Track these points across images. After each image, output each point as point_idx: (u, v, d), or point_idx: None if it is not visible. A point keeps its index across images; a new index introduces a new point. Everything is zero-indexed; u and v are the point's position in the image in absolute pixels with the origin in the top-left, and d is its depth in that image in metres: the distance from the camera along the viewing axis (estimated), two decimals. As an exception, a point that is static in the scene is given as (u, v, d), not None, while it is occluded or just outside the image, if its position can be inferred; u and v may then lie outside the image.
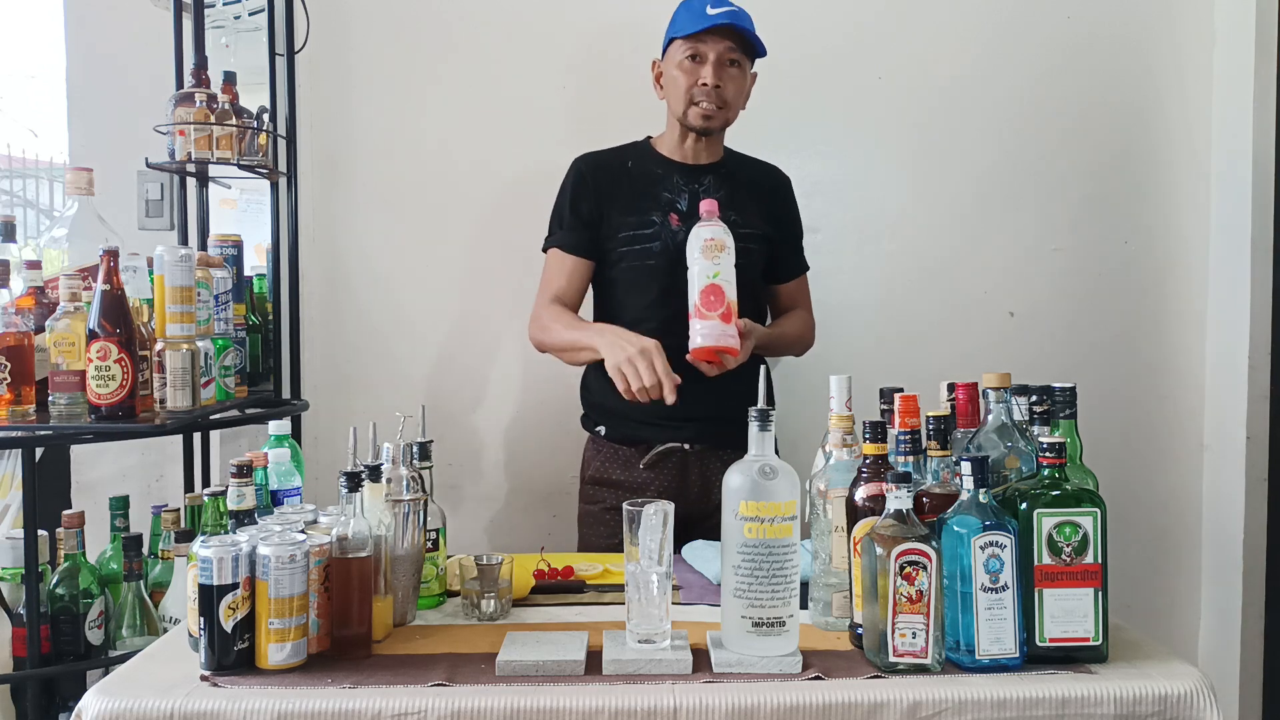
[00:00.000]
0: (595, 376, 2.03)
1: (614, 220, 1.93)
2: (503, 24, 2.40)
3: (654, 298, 1.90)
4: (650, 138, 2.04)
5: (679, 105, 1.91)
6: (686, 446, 1.95)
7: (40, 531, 1.62)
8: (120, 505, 1.80)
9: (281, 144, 2.16)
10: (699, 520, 1.89)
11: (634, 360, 1.71)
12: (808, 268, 2.12)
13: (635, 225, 1.93)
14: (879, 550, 1.17)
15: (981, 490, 1.20)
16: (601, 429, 2.01)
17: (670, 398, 1.69)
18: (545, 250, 2.00)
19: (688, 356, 1.73)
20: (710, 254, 1.70)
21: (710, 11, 1.85)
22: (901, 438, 1.28)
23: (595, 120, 2.33)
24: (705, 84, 1.87)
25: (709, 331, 1.69)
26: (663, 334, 1.77)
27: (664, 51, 1.96)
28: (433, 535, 1.46)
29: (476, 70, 2.40)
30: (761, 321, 2.04)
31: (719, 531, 1.25)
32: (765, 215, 2.00)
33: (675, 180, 1.96)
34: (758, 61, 1.98)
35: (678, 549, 1.92)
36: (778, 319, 2.09)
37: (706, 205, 1.75)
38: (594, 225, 1.95)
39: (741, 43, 1.89)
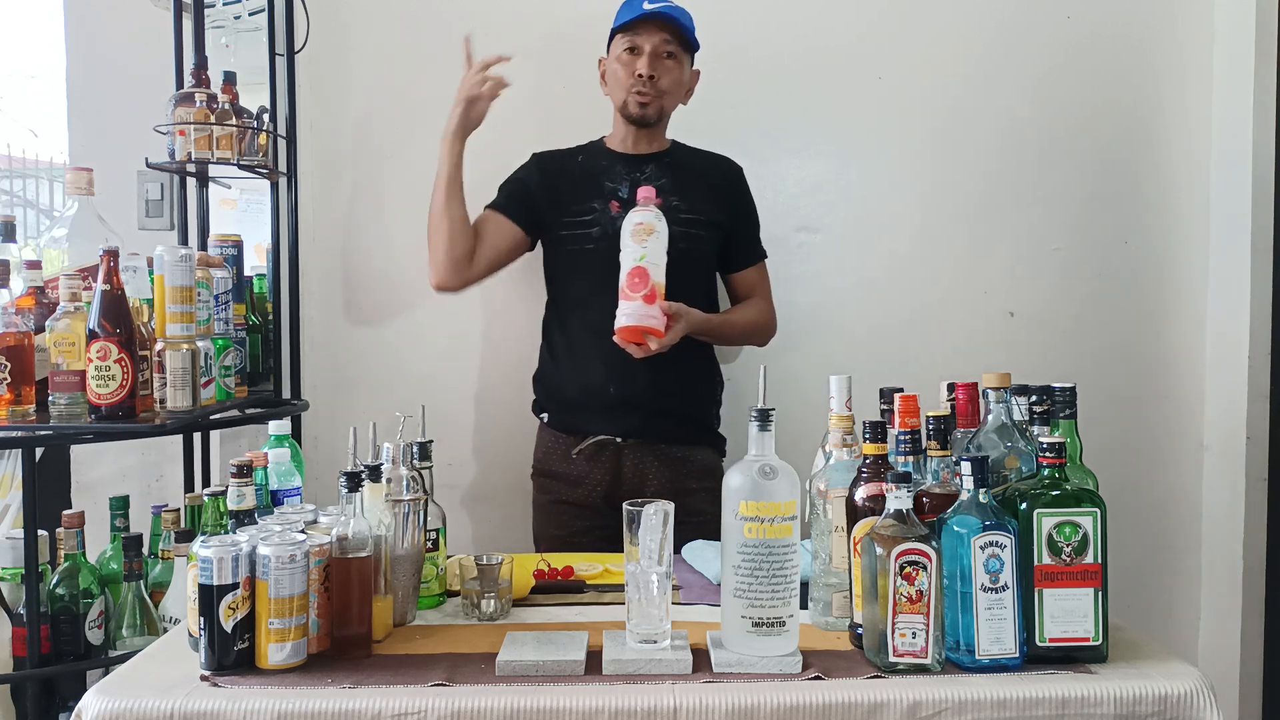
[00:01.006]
0: (542, 361, 2.10)
1: (561, 208, 2.01)
2: (503, 24, 2.39)
3: (595, 280, 1.94)
4: (604, 137, 2.11)
5: (619, 96, 2.00)
6: (619, 439, 1.98)
7: (40, 531, 1.62)
8: (120, 505, 1.80)
9: (281, 144, 2.16)
10: None
11: (470, 93, 1.92)
12: (764, 255, 2.15)
13: (579, 212, 2.00)
14: (879, 550, 1.17)
15: (981, 490, 1.20)
16: (545, 415, 2.08)
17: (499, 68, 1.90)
18: (484, 210, 2.08)
19: (614, 337, 1.78)
20: (639, 237, 1.76)
21: (646, 6, 1.93)
22: (901, 438, 1.28)
23: (596, 120, 2.32)
24: (641, 74, 1.94)
25: (632, 312, 1.75)
26: (604, 316, 1.82)
27: (608, 48, 2.04)
28: (433, 535, 1.46)
29: (476, 70, 2.39)
30: (714, 307, 2.06)
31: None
32: (714, 203, 2.04)
33: (618, 170, 2.03)
34: (756, 67, 2.00)
35: (620, 545, 1.98)
36: (731, 307, 2.12)
37: (643, 192, 1.82)
38: (534, 209, 2.03)
39: (677, 35, 1.96)
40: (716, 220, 2.03)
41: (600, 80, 2.07)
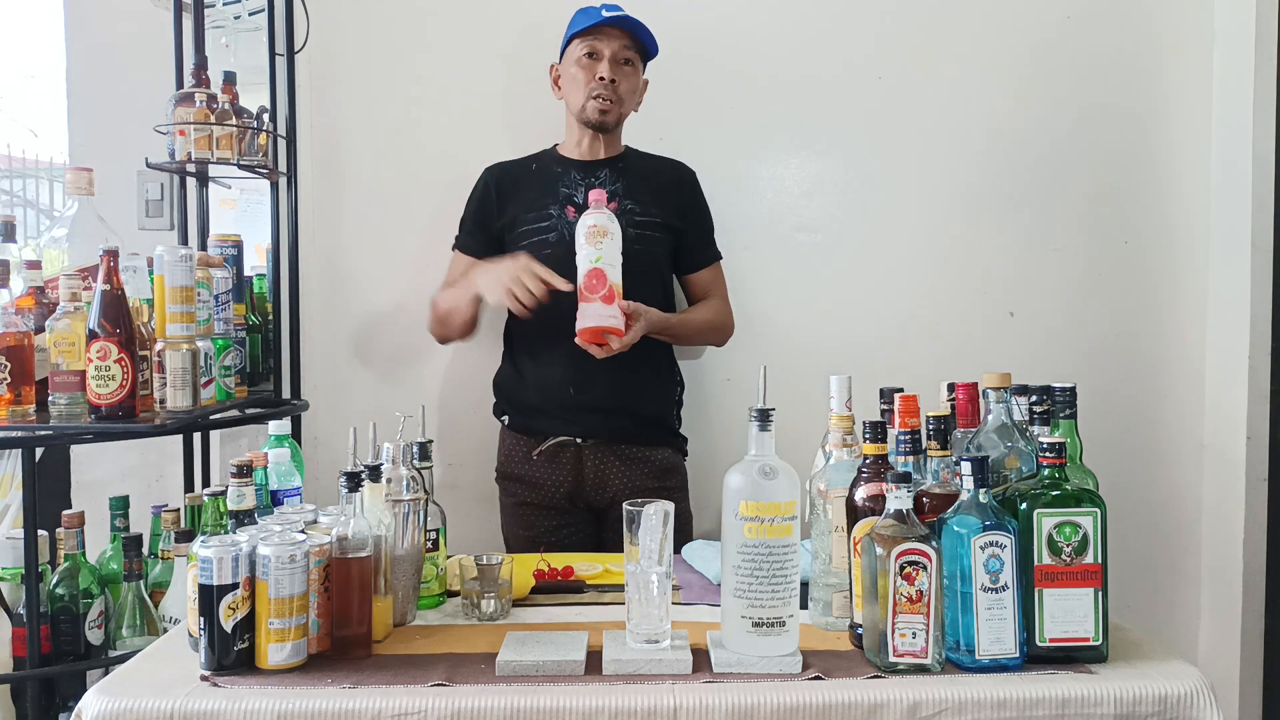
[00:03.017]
0: (503, 364, 2.13)
1: (517, 217, 2.03)
2: (503, 24, 2.40)
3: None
4: (557, 144, 2.13)
5: (577, 101, 2.00)
6: (579, 440, 2.00)
7: (40, 531, 1.62)
8: (120, 505, 1.80)
9: (281, 144, 2.16)
10: (604, 510, 2.02)
11: (512, 286, 1.81)
12: (719, 257, 2.17)
13: (535, 219, 2.01)
14: (879, 550, 1.17)
15: (981, 490, 1.20)
16: (506, 418, 2.10)
17: (563, 284, 1.80)
18: (453, 250, 2.12)
19: (576, 339, 1.80)
20: (594, 240, 1.78)
21: (605, 14, 1.95)
22: (901, 438, 1.28)
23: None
24: (602, 78, 1.96)
25: (592, 313, 1.77)
26: (562, 319, 1.84)
27: (561, 54, 2.05)
28: (433, 535, 1.46)
29: (477, 70, 2.40)
30: (670, 308, 2.08)
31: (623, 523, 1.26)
32: (666, 206, 2.06)
33: (573, 175, 2.05)
34: (760, 68, 1.99)
35: (591, 542, 2.02)
36: (689, 307, 2.14)
37: (595, 194, 1.83)
38: (491, 229, 2.06)
39: (635, 42, 1.98)
40: (670, 223, 2.05)
41: (553, 86, 2.09)
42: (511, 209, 2.04)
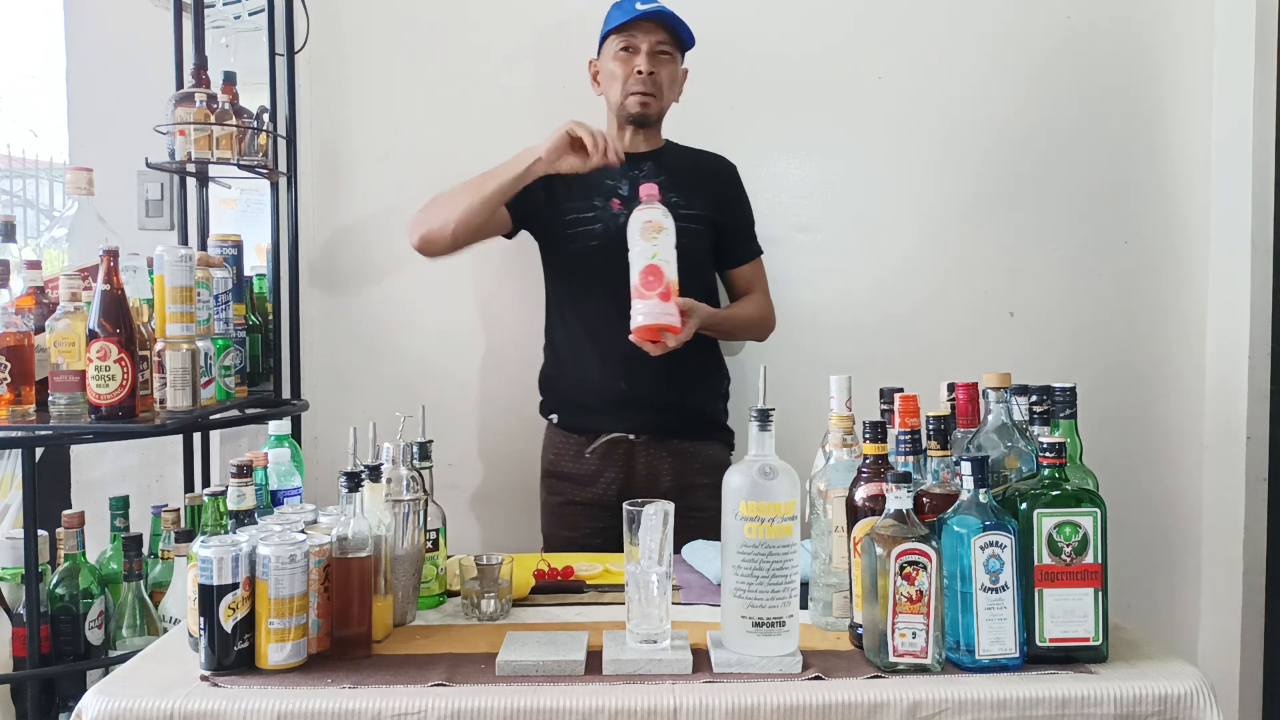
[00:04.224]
0: (548, 362, 2.10)
1: (561, 207, 2.00)
2: (504, 24, 2.40)
3: (599, 278, 1.95)
4: None
5: (616, 96, 2.00)
6: (632, 437, 1.99)
7: (40, 531, 1.62)
8: (120, 505, 1.80)
9: (281, 144, 2.16)
10: None
11: (573, 130, 1.76)
12: (760, 252, 2.16)
13: (579, 210, 2.00)
14: (879, 550, 1.17)
15: (981, 490, 1.20)
16: (554, 416, 2.07)
17: (617, 157, 1.78)
18: None
19: (630, 336, 1.76)
20: (648, 235, 1.75)
21: (640, 6, 1.94)
22: (901, 438, 1.28)
23: (597, 121, 2.33)
24: (640, 71, 1.95)
25: (649, 310, 1.73)
26: (609, 313, 1.84)
27: (599, 49, 2.04)
28: (433, 535, 1.46)
29: (477, 70, 2.40)
30: (714, 302, 2.07)
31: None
32: (709, 200, 2.05)
33: (616, 168, 1.99)
34: (757, 67, 1.99)
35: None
36: (732, 303, 2.13)
37: (646, 189, 1.80)
38: (529, 197, 1.95)
39: (672, 35, 1.98)
40: (711, 217, 2.04)
41: (592, 81, 2.08)
42: (554, 197, 2.00)
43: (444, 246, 1.95)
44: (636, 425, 1.99)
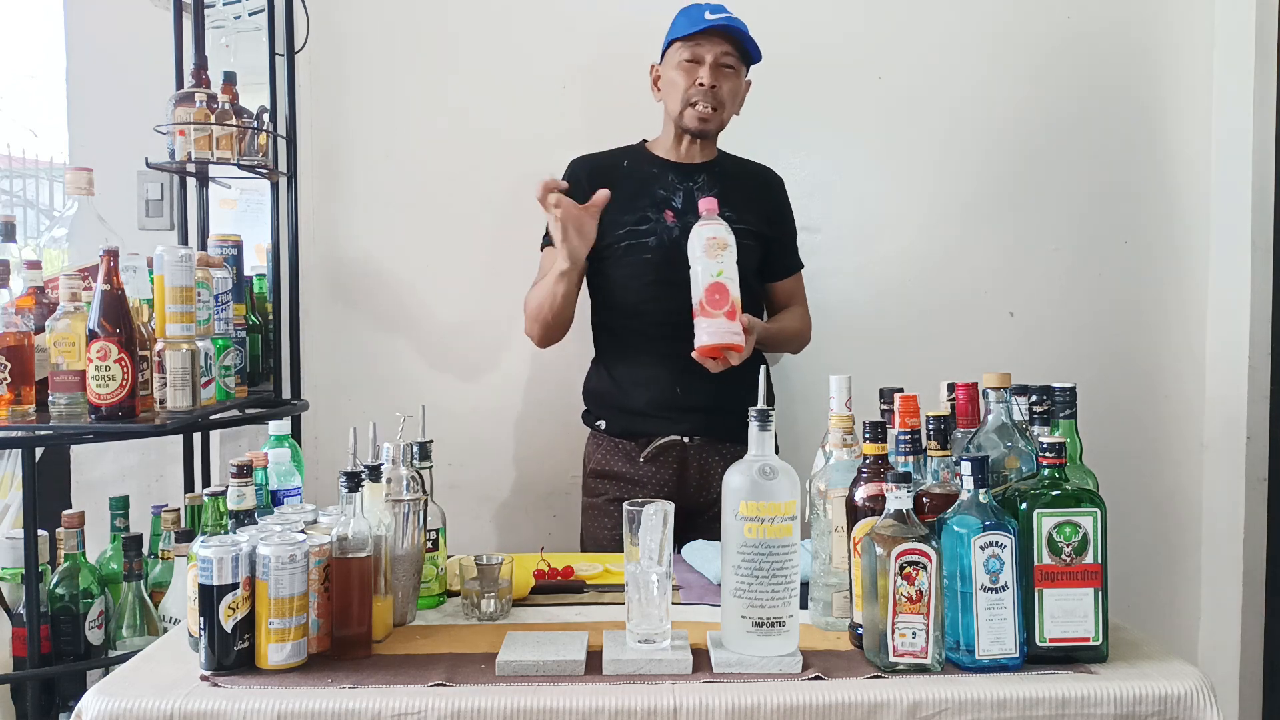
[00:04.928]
0: (596, 372, 2.08)
1: (611, 218, 1.94)
2: (504, 24, 2.40)
3: (651, 292, 1.94)
4: (645, 141, 2.08)
5: (676, 106, 1.96)
6: (686, 439, 1.98)
7: (40, 531, 1.62)
8: (120, 505, 1.80)
9: (281, 144, 2.16)
10: (699, 513, 1.95)
11: (544, 206, 1.77)
12: (802, 265, 2.15)
13: (633, 222, 1.96)
14: (879, 550, 1.17)
15: (981, 490, 1.20)
16: (602, 424, 2.05)
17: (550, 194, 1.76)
18: (542, 249, 2.04)
19: (693, 354, 1.74)
20: (713, 252, 1.73)
21: (708, 16, 1.90)
22: (901, 438, 1.28)
23: (596, 121, 2.33)
24: (703, 84, 1.92)
25: (715, 329, 1.71)
26: (663, 322, 1.82)
27: (663, 55, 2.01)
28: (433, 535, 1.46)
29: (476, 70, 2.40)
30: (759, 314, 2.06)
31: (719, 524, 1.25)
32: (759, 213, 2.03)
33: (670, 179, 2.00)
34: (754, 67, 1.99)
35: (679, 541, 1.96)
36: (776, 315, 2.11)
37: (706, 203, 1.77)
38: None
39: (738, 48, 1.94)
40: (761, 231, 2.01)
41: (652, 86, 2.04)
42: (605, 211, 1.91)
43: (560, 337, 2.01)
44: (689, 428, 1.97)
